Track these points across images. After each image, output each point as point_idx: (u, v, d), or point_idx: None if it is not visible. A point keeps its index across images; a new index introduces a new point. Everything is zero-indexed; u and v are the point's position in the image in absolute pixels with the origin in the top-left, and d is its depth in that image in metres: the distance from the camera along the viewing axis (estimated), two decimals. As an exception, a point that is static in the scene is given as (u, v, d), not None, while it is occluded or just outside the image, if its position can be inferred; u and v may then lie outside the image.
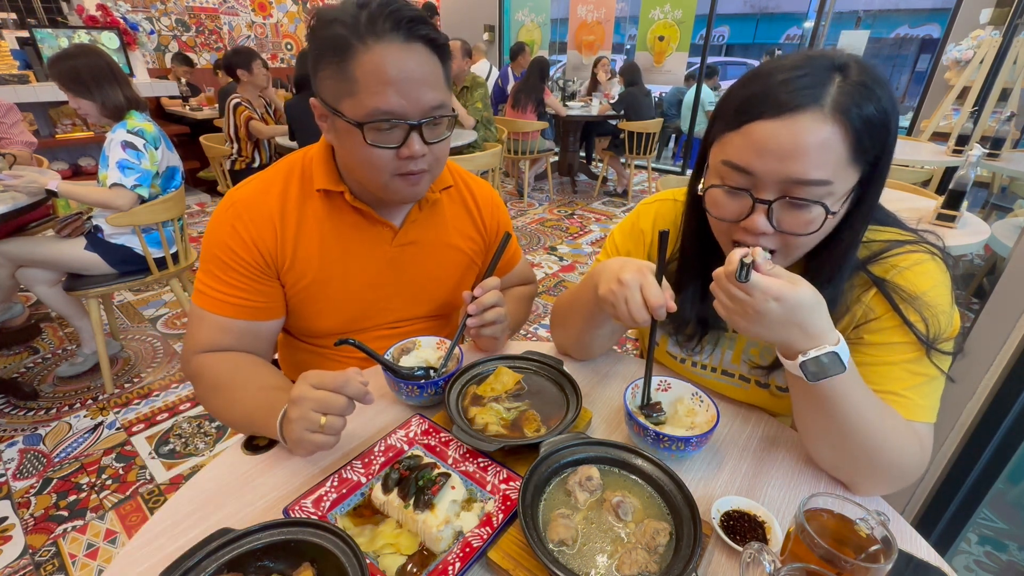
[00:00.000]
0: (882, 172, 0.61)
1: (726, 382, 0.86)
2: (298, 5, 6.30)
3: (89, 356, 2.26)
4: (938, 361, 0.66)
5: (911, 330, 0.65)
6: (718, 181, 0.64)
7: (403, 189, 0.80)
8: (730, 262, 0.58)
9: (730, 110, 0.61)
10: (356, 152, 0.76)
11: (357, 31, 0.69)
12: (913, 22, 13.84)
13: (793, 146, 0.56)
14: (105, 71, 1.89)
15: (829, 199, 0.59)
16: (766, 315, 0.57)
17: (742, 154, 0.60)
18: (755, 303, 0.57)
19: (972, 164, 1.65)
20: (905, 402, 0.66)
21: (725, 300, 0.61)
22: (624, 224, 0.93)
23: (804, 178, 0.57)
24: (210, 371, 0.80)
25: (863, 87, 0.56)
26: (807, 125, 0.56)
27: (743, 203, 0.62)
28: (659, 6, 5.43)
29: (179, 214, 2.10)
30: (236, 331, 0.84)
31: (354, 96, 0.71)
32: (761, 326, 0.58)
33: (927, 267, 0.67)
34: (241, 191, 0.85)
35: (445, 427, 0.74)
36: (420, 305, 1.00)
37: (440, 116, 0.76)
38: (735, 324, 0.61)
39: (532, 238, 4.10)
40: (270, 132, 3.39)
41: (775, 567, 0.48)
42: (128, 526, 1.57)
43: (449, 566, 0.54)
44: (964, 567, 1.23)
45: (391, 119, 0.72)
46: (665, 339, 0.90)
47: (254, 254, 0.83)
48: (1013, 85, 3.38)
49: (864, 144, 0.57)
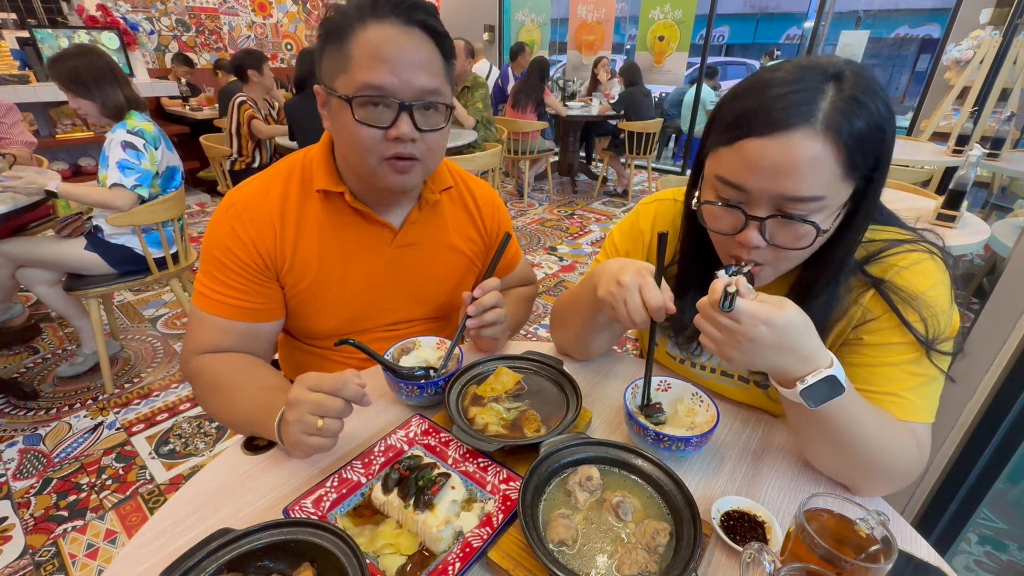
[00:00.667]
0: (878, 181, 0.61)
1: (726, 383, 0.86)
2: (298, 5, 6.30)
3: (89, 356, 2.26)
4: (938, 361, 0.66)
5: (910, 331, 0.65)
6: (712, 194, 0.65)
7: (391, 176, 0.79)
8: (714, 292, 0.58)
9: (724, 123, 0.61)
10: (346, 131, 0.76)
11: (360, 13, 0.72)
12: (913, 22, 13.84)
13: (784, 164, 0.56)
14: (105, 71, 1.89)
15: (821, 214, 0.59)
16: (757, 341, 0.56)
17: (735, 171, 0.60)
18: (744, 330, 0.56)
19: (972, 164, 1.65)
20: (903, 403, 0.66)
21: (713, 332, 0.60)
22: (623, 224, 0.92)
23: (796, 195, 0.57)
24: (209, 372, 0.81)
25: (855, 102, 0.56)
26: (799, 143, 0.55)
27: (737, 218, 0.62)
28: (659, 6, 5.43)
29: (179, 214, 2.10)
30: (235, 332, 0.84)
31: (347, 72, 0.73)
32: (753, 354, 0.58)
33: (926, 266, 0.67)
34: (241, 192, 0.85)
35: (445, 427, 0.74)
36: (420, 306, 1.00)
37: (433, 101, 0.76)
38: (727, 356, 0.59)
39: (532, 238, 4.10)
40: (270, 132, 3.40)
41: (775, 567, 0.48)
42: (128, 526, 1.57)
43: (449, 566, 0.54)
44: (964, 567, 1.23)
45: (380, 95, 0.72)
46: (664, 340, 0.90)
47: (253, 256, 0.83)
48: (1013, 85, 3.38)
49: (856, 160, 0.57)
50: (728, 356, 0.59)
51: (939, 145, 3.23)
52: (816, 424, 0.63)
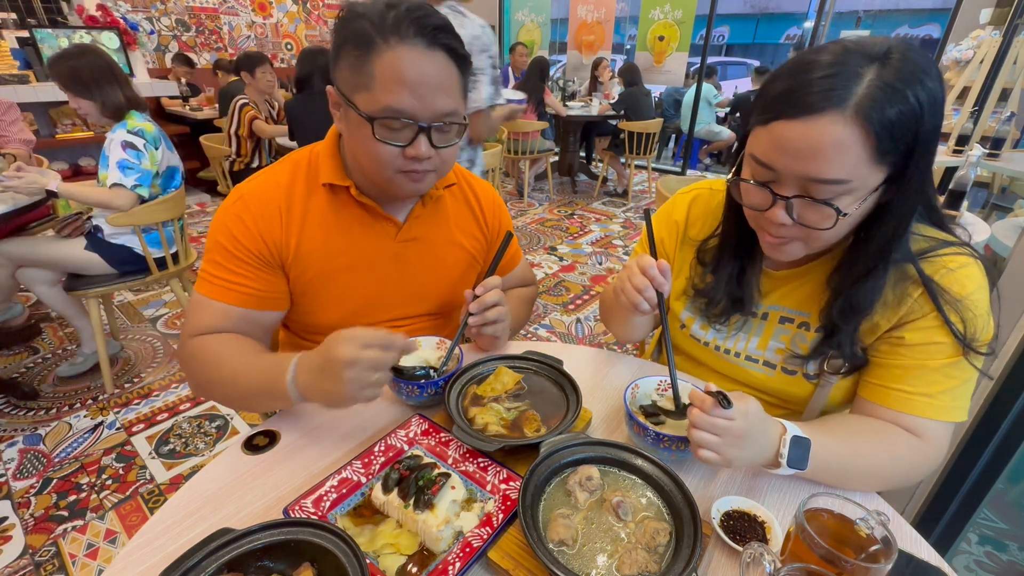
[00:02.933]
0: (918, 167, 0.61)
1: (750, 367, 0.85)
2: (298, 5, 6.30)
3: (89, 356, 2.26)
4: (974, 360, 0.68)
5: (952, 331, 0.66)
6: (747, 172, 0.67)
7: (406, 185, 0.81)
8: (702, 401, 0.62)
9: (763, 103, 0.63)
10: (364, 145, 0.77)
11: (382, 29, 0.71)
12: (913, 22, 13.84)
13: (808, 147, 0.58)
14: (105, 71, 1.89)
15: (848, 197, 0.60)
16: (747, 432, 0.61)
17: (765, 150, 0.62)
18: (738, 424, 0.60)
19: (972, 164, 1.66)
20: (937, 404, 0.68)
21: (711, 439, 0.61)
22: (660, 212, 0.97)
23: (820, 177, 0.59)
24: (211, 348, 0.81)
25: (891, 89, 0.55)
26: (825, 127, 0.56)
27: (766, 196, 0.64)
28: (659, 6, 5.43)
29: (179, 214, 2.10)
30: (235, 317, 0.85)
31: (370, 91, 0.73)
32: (747, 447, 0.62)
33: (972, 271, 0.68)
34: (248, 185, 0.87)
35: (445, 427, 0.74)
36: (422, 302, 1.00)
37: (450, 123, 0.77)
38: (728, 457, 0.61)
39: (532, 238, 4.10)
40: (271, 132, 3.40)
41: (775, 567, 0.48)
42: (128, 526, 1.57)
43: (449, 566, 0.54)
44: (964, 567, 1.23)
45: (401, 118, 0.73)
46: (691, 320, 0.90)
47: (259, 244, 0.84)
48: (1013, 85, 3.38)
49: (887, 146, 0.57)
50: (730, 457, 0.61)
51: (939, 145, 3.23)
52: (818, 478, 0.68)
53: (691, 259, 0.89)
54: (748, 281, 0.82)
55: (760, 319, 0.84)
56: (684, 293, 0.91)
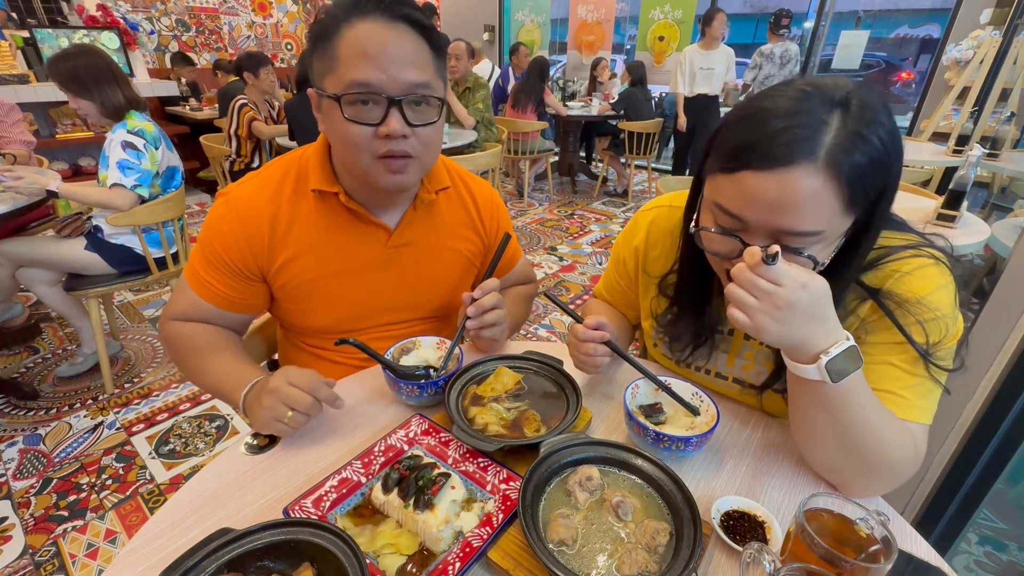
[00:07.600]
0: (881, 212, 0.60)
1: (720, 384, 0.86)
2: (298, 5, 6.30)
3: (89, 356, 2.26)
4: (936, 373, 0.66)
5: (909, 342, 0.65)
6: (710, 218, 0.64)
7: (386, 175, 0.78)
8: (752, 256, 0.55)
9: (723, 149, 0.60)
10: (339, 131, 0.76)
11: (344, 10, 0.72)
12: (913, 22, 13.83)
13: (783, 200, 0.55)
14: (105, 71, 1.88)
15: (819, 245, 0.59)
16: (795, 306, 0.55)
17: (733, 201, 0.59)
18: (785, 293, 0.54)
19: (972, 164, 1.65)
20: (903, 402, 0.66)
21: (748, 299, 0.56)
22: (623, 235, 0.95)
23: (794, 230, 0.57)
24: (185, 337, 0.87)
25: (859, 137, 0.54)
26: (799, 179, 0.54)
27: (734, 244, 0.62)
28: (659, 6, 5.43)
29: (179, 214, 2.10)
30: (208, 311, 0.89)
31: (335, 72, 0.73)
32: (788, 322, 0.56)
33: (928, 271, 0.66)
34: (238, 189, 0.87)
35: (445, 427, 0.74)
36: (418, 306, 1.00)
37: (423, 95, 0.76)
38: (760, 325, 0.56)
39: (532, 238, 4.10)
40: (271, 132, 3.40)
41: (775, 567, 0.48)
42: (128, 526, 1.57)
43: (449, 566, 0.54)
44: (964, 567, 1.23)
45: (368, 92, 0.72)
46: (660, 342, 0.90)
47: (238, 254, 0.85)
48: (1013, 85, 3.38)
49: (858, 195, 0.56)
50: (762, 325, 0.56)
51: (939, 145, 3.23)
52: (825, 408, 0.62)
53: (654, 288, 0.89)
54: (711, 315, 0.81)
55: (727, 335, 0.83)
56: (652, 314, 0.90)
